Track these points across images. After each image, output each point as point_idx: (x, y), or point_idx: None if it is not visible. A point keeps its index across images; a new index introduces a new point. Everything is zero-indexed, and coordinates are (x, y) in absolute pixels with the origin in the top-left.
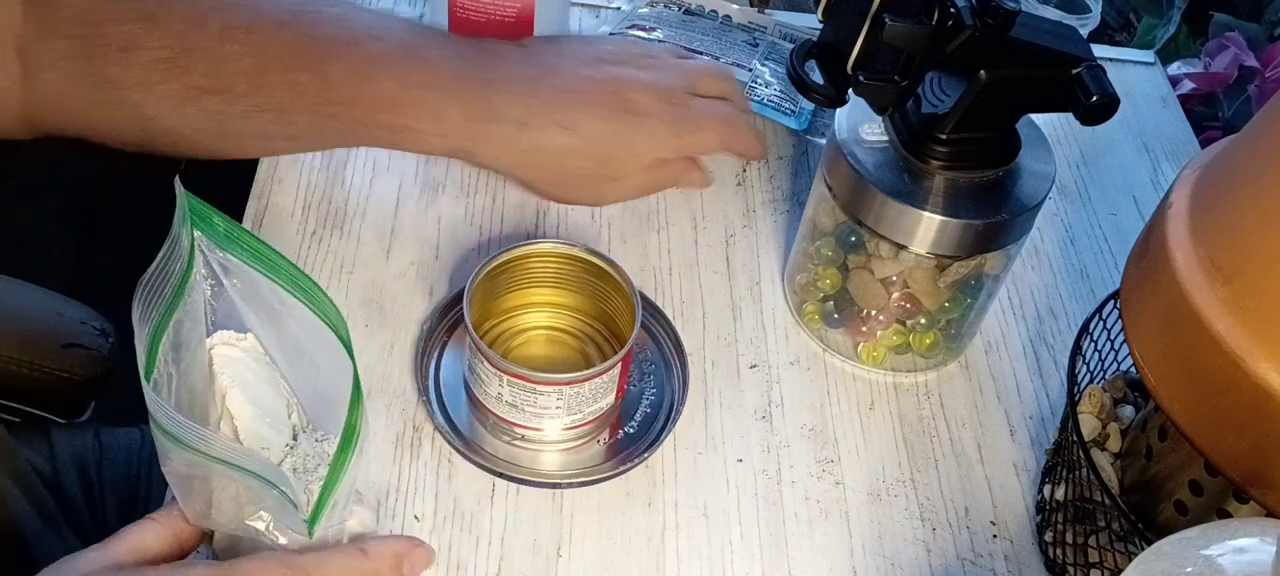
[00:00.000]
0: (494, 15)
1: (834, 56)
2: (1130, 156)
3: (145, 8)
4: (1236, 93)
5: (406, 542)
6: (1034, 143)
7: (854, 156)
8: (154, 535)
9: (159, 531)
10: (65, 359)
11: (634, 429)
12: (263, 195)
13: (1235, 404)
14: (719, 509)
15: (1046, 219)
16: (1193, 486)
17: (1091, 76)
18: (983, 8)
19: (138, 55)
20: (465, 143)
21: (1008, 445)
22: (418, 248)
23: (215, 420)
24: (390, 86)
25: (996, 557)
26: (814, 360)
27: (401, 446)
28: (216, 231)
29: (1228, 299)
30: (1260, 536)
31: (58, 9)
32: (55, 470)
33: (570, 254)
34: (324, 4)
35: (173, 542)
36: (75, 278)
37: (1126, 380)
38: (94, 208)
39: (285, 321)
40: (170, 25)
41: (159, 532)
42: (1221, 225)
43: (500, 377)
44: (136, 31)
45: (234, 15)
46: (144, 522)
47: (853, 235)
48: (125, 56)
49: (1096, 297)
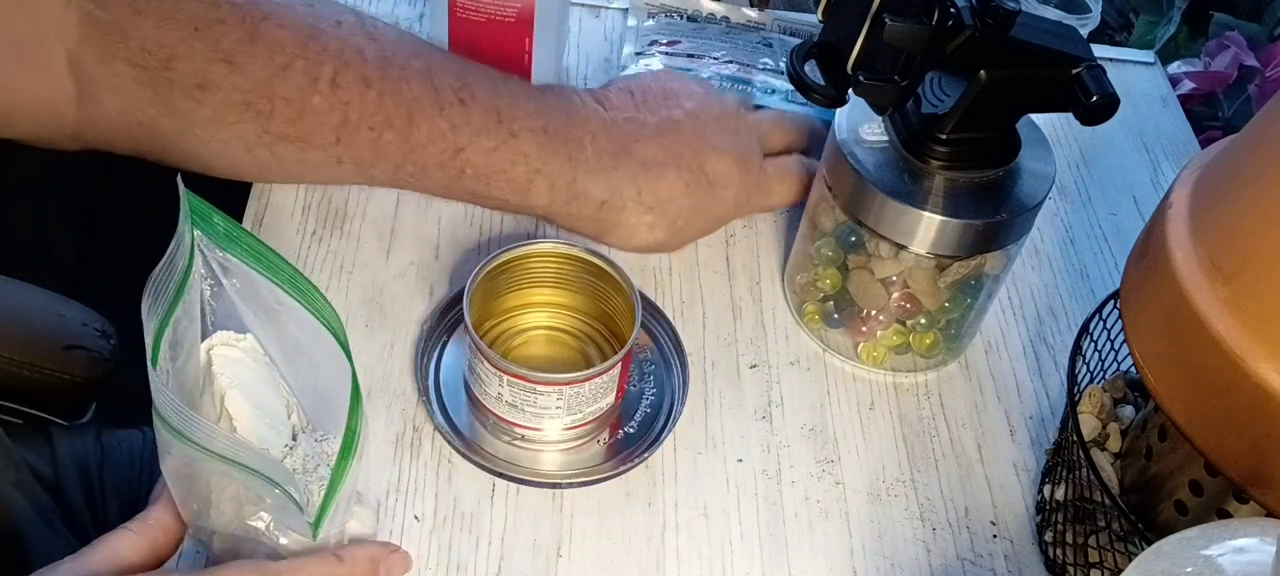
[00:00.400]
0: (494, 15)
1: (834, 56)
2: (1130, 156)
3: (224, 48)
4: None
5: (383, 548)
6: (1034, 143)
7: (854, 156)
8: (130, 544)
9: (135, 540)
10: (66, 361)
11: (634, 429)
12: (263, 195)
13: (1235, 404)
14: (719, 509)
15: (1046, 219)
16: (1193, 486)
17: (1091, 76)
18: (983, 8)
19: (212, 94)
20: (548, 213)
21: (1008, 445)
22: (418, 248)
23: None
24: (477, 159)
25: (996, 557)
26: (814, 360)
27: (401, 446)
28: (216, 231)
29: (1228, 299)
30: (1260, 536)
31: (126, 37)
32: (56, 472)
33: (570, 254)
34: (409, 54)
35: (149, 551)
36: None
37: (1126, 380)
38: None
39: (284, 321)
40: (251, 70)
41: (134, 542)
42: (1221, 225)
43: (500, 377)
44: (213, 72)
45: (318, 66)
46: (120, 532)
47: (853, 235)
48: (199, 94)
49: (1096, 298)
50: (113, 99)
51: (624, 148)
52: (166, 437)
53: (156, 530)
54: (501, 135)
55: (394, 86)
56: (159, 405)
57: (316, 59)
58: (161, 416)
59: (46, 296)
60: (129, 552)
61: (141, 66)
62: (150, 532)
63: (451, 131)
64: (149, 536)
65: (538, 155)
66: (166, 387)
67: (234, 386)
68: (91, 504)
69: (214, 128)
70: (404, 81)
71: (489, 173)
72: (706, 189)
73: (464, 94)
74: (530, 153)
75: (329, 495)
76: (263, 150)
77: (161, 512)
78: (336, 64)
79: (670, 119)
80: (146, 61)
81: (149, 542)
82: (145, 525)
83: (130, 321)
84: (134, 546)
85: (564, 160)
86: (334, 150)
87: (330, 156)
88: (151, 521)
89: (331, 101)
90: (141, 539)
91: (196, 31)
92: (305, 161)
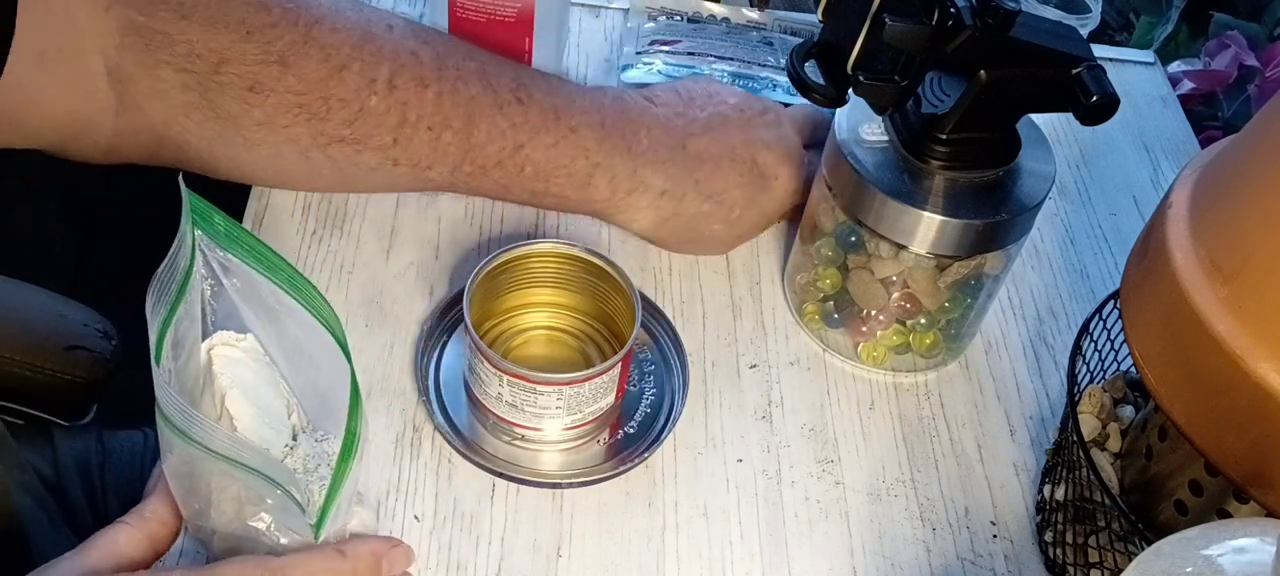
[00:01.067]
0: (494, 15)
1: (834, 56)
2: (1130, 156)
3: (277, 50)
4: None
5: (385, 542)
6: (1034, 143)
7: (854, 156)
8: (128, 538)
9: (132, 534)
10: (67, 361)
11: (634, 429)
12: (263, 195)
13: (1235, 404)
14: (719, 509)
15: (1046, 219)
16: (1193, 486)
17: (1091, 76)
18: (983, 8)
19: (265, 97)
20: (607, 208)
21: (1008, 445)
22: (418, 248)
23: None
24: (537, 155)
25: (996, 557)
26: (814, 360)
27: (401, 446)
28: (217, 230)
29: (1228, 299)
30: (1260, 536)
31: (172, 42)
32: (57, 473)
33: (570, 254)
34: (463, 56)
35: (147, 545)
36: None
37: (1126, 380)
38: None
39: (285, 321)
40: (304, 71)
41: (132, 536)
42: (1221, 225)
43: (500, 377)
44: (265, 74)
45: (375, 67)
46: (117, 526)
47: (853, 235)
48: (251, 96)
49: (1096, 298)
50: (156, 106)
51: (679, 141)
52: (169, 437)
53: (154, 523)
54: (561, 131)
55: (452, 87)
56: (162, 404)
57: (372, 61)
58: (164, 415)
59: (47, 297)
60: (127, 546)
61: (189, 71)
62: (148, 526)
63: (511, 129)
64: (146, 530)
65: (598, 149)
66: (169, 386)
67: (234, 386)
68: (93, 504)
69: (266, 131)
70: (461, 82)
71: (549, 169)
72: (760, 181)
73: (521, 93)
74: (590, 147)
75: (329, 497)
76: (317, 153)
77: (158, 505)
78: (392, 65)
79: (719, 114)
80: (195, 66)
81: (146, 536)
82: (142, 519)
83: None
84: (132, 540)
85: (623, 153)
86: (391, 151)
87: (387, 158)
88: (148, 514)
89: (389, 102)
90: (139, 532)
91: (248, 35)
92: (360, 164)
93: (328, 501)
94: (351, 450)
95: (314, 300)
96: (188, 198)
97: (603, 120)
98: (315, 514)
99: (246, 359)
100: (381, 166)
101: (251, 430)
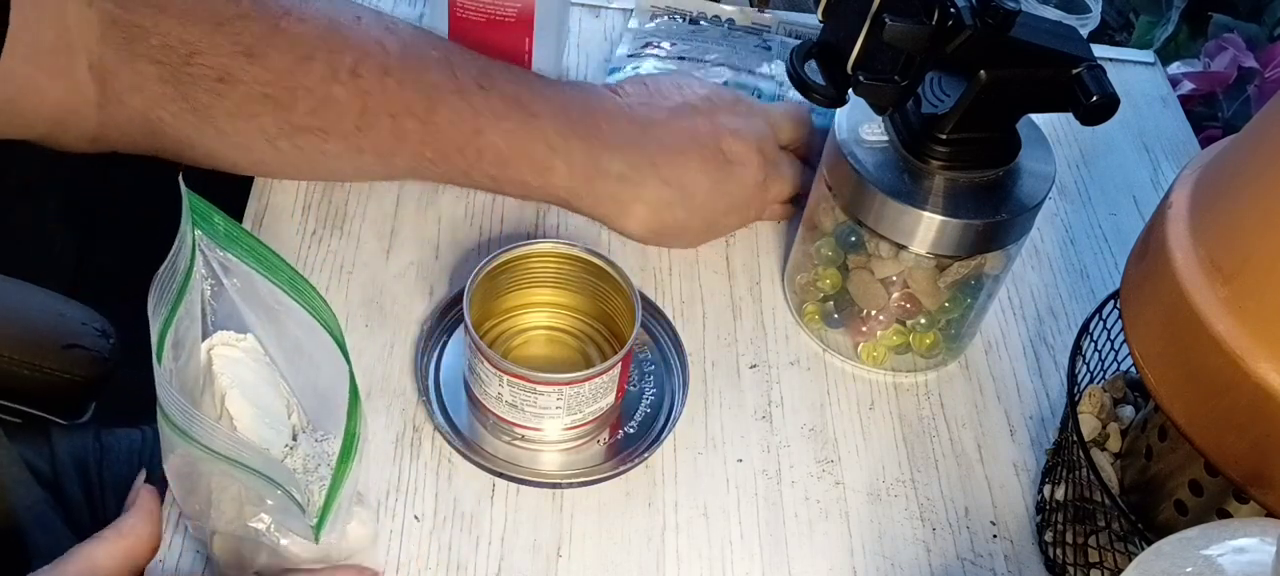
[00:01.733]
0: (494, 15)
1: (834, 56)
2: (1130, 156)
3: (244, 42)
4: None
5: (354, 571)
6: (1034, 143)
7: (854, 156)
8: (105, 553)
9: (110, 549)
10: (66, 360)
11: (634, 429)
12: (263, 195)
13: (1235, 404)
14: (719, 509)
15: (1046, 219)
16: (1193, 486)
17: (1091, 76)
18: (983, 8)
19: (234, 88)
20: (568, 195)
21: (1008, 445)
22: (418, 248)
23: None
24: (498, 140)
25: (996, 557)
26: (814, 360)
27: (401, 446)
28: (217, 231)
29: (1228, 299)
30: (1260, 536)
31: (146, 34)
32: (55, 471)
33: (570, 254)
34: (428, 46)
35: (125, 561)
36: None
37: (1126, 380)
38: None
39: (284, 321)
40: (271, 62)
41: (110, 551)
42: (1221, 225)
43: (500, 377)
44: (233, 65)
45: (339, 57)
46: (95, 541)
47: (853, 235)
48: (220, 87)
49: (1096, 298)
50: (135, 98)
51: (642, 128)
52: (170, 436)
53: (132, 537)
54: (521, 117)
55: (414, 75)
56: (163, 403)
57: (337, 51)
58: (166, 415)
59: (46, 296)
60: (104, 561)
61: (163, 63)
62: (126, 541)
63: (472, 115)
64: (124, 545)
65: (557, 135)
66: (171, 386)
67: (234, 386)
68: (91, 502)
69: (236, 121)
70: (424, 70)
71: (509, 154)
72: (724, 167)
73: (484, 81)
74: (549, 133)
75: (329, 497)
76: (284, 142)
77: (137, 521)
78: (356, 55)
79: (686, 103)
80: (168, 57)
81: (124, 551)
82: (120, 533)
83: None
84: (109, 554)
85: (582, 139)
86: (355, 139)
87: (351, 146)
88: (126, 530)
89: (352, 90)
90: (116, 548)
91: (218, 27)
92: (327, 152)
93: (328, 501)
94: (351, 450)
95: (313, 300)
96: (188, 198)
97: (565, 108)
98: (315, 514)
99: (246, 359)
100: (347, 154)
101: (251, 430)
